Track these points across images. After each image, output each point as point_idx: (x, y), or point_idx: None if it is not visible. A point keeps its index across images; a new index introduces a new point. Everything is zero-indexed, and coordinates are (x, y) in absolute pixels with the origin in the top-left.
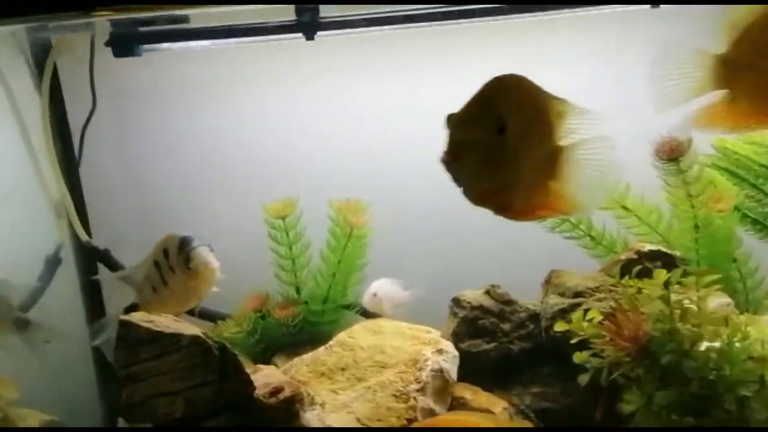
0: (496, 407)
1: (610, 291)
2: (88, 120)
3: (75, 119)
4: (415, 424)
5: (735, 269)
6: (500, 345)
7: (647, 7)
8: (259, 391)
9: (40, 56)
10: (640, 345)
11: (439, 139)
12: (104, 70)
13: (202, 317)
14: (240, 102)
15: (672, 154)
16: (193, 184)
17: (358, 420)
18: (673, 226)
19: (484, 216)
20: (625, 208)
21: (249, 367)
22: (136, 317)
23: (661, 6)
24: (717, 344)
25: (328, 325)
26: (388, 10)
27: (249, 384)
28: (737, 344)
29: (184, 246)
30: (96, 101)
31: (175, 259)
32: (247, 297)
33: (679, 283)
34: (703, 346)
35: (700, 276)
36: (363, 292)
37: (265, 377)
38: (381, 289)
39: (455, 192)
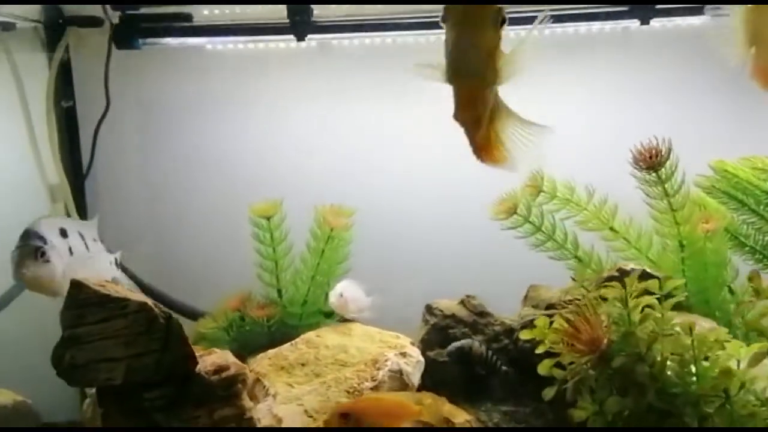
0: (458, 418)
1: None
2: (102, 118)
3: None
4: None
5: (732, 302)
6: None
7: (637, 24)
8: (204, 368)
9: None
10: (600, 351)
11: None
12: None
13: (181, 313)
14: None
15: (651, 162)
16: (192, 182)
17: (306, 412)
18: (663, 251)
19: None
20: (612, 229)
21: (203, 350)
22: (90, 280)
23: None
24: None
25: (306, 329)
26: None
27: (191, 358)
28: (704, 359)
29: (19, 241)
30: (110, 100)
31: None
32: (227, 295)
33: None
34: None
35: (665, 281)
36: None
37: (216, 357)
38: (347, 290)
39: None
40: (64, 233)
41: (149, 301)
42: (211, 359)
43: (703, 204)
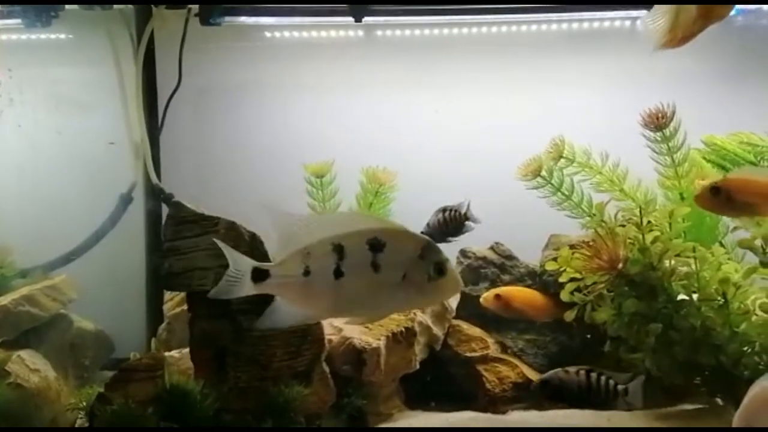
0: (489, 339)
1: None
2: (174, 92)
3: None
4: None
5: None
6: None
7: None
8: None
9: (141, 30)
10: (618, 269)
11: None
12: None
13: None
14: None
15: (658, 123)
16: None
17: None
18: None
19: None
20: (622, 191)
21: None
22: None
23: None
24: (685, 269)
25: None
26: None
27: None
28: (706, 272)
29: (427, 253)
30: (182, 76)
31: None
32: None
33: None
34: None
35: (673, 209)
36: None
37: None
38: None
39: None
40: None
41: (236, 221)
42: None
43: (699, 165)
